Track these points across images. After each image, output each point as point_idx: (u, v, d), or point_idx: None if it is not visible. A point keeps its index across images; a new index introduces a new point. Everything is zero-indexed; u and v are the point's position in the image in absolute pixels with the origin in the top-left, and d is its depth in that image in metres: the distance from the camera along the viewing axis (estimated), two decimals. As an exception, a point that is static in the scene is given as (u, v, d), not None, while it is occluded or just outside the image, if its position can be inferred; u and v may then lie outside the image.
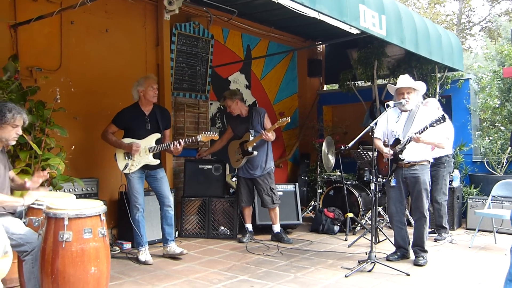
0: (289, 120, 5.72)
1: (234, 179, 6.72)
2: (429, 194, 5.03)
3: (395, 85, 5.14)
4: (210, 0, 6.75)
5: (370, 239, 4.81)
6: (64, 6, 5.01)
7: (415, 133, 4.72)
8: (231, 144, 6.27)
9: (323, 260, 5.18)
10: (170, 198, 5.28)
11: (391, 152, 4.92)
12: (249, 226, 6.25)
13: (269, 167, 6.10)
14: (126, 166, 5.03)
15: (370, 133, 4.84)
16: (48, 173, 3.95)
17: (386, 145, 4.99)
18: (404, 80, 5.05)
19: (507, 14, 28.14)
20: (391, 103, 4.93)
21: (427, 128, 4.66)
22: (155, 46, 6.62)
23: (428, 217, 5.02)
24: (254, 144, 5.95)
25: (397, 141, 4.96)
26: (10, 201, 3.46)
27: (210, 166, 6.53)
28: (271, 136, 5.90)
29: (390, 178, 5.06)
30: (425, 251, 5.04)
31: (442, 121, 4.57)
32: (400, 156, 4.89)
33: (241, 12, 7.38)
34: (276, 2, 4.45)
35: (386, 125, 5.04)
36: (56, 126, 4.55)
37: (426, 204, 4.96)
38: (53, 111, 4.48)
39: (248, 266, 4.92)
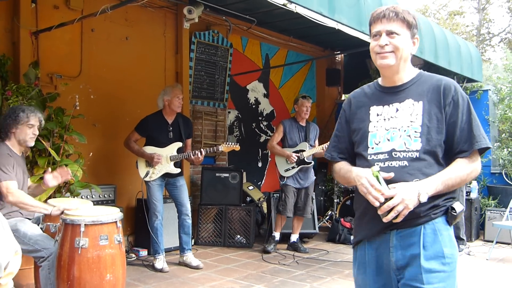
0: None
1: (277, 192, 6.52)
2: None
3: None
4: (229, 9, 6.80)
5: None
6: (85, 14, 5.09)
7: None
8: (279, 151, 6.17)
9: (340, 270, 5.15)
10: (187, 207, 5.30)
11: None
12: (277, 234, 6.14)
13: (314, 178, 6.24)
14: (147, 174, 5.07)
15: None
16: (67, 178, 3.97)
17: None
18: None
19: (527, 24, 27.81)
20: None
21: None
22: (174, 54, 6.68)
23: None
24: (309, 155, 5.98)
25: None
26: (39, 207, 3.47)
27: (227, 174, 6.54)
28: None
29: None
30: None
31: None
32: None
33: (260, 21, 7.41)
34: (295, 12, 4.46)
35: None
36: (74, 132, 4.60)
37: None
38: (72, 117, 4.53)
39: (264, 275, 4.91)
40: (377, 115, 2.03)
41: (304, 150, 5.98)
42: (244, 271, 5.06)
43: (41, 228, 3.56)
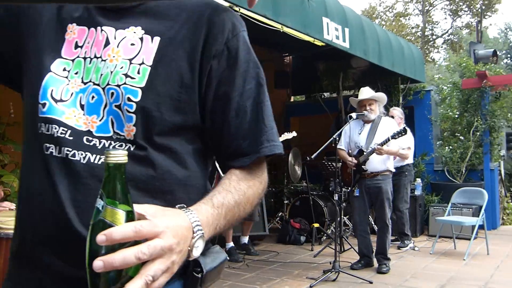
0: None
1: None
2: (391, 203, 5.14)
3: (357, 97, 5.24)
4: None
5: (335, 248, 4.88)
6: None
7: (377, 145, 4.82)
8: None
9: (289, 271, 5.21)
10: None
11: (355, 161, 5.01)
12: (231, 244, 5.92)
13: None
14: None
15: (333, 144, 4.93)
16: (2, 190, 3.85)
17: (350, 156, 5.09)
18: (365, 92, 5.16)
19: (467, 27, 29.07)
20: (353, 114, 5.03)
21: (389, 140, 4.78)
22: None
23: (390, 226, 5.13)
24: None
25: (360, 152, 5.06)
26: None
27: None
28: None
29: (353, 189, 5.15)
30: (388, 259, 5.14)
31: (403, 133, 4.71)
32: (363, 167, 4.99)
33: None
34: (239, 14, 4.49)
35: (349, 136, 5.14)
36: (10, 141, 4.40)
37: (388, 213, 5.07)
38: (7, 125, 4.37)
39: (213, 278, 4.90)
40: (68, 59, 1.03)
41: None
42: (194, 274, 5.02)
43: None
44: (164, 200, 0.96)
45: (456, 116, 8.13)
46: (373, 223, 6.58)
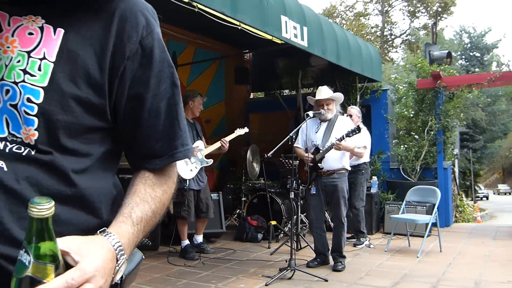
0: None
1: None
2: (346, 201, 5.19)
3: (315, 96, 5.26)
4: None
5: (291, 246, 4.88)
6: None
7: (336, 139, 4.85)
8: None
9: (245, 269, 5.19)
10: None
11: (311, 156, 5.03)
12: (186, 241, 5.84)
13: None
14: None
15: (289, 142, 4.93)
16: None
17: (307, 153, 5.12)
18: (323, 92, 5.19)
19: (425, 28, 29.81)
20: (310, 113, 5.05)
21: (343, 138, 4.82)
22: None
23: (346, 224, 5.18)
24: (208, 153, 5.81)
25: (317, 150, 5.08)
26: None
27: (130, 176, 6.34)
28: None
29: (310, 186, 5.17)
30: (343, 257, 5.19)
31: (357, 131, 4.75)
32: (319, 164, 5.02)
33: (166, 18, 7.26)
34: (196, 10, 4.43)
35: (306, 135, 5.16)
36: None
37: (344, 211, 5.11)
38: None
39: (168, 278, 4.83)
40: None
41: (202, 149, 5.81)
42: (148, 275, 4.94)
43: None
44: (74, 207, 0.91)
45: (412, 115, 8.30)
46: (330, 220, 6.64)
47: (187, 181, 5.56)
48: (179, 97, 1.04)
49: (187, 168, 5.60)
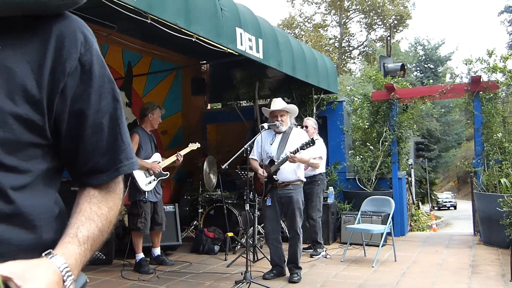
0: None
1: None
2: (302, 213, 5.21)
3: (269, 108, 5.28)
4: (87, 14, 6.48)
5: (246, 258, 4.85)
6: None
7: (290, 153, 4.87)
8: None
9: (201, 282, 5.13)
10: None
11: (265, 174, 5.04)
12: (141, 255, 5.71)
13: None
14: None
15: (244, 154, 4.92)
16: None
17: (262, 167, 5.12)
18: (277, 103, 5.21)
19: (381, 40, 30.53)
20: (265, 125, 5.07)
21: (298, 151, 4.85)
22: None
23: (301, 235, 5.19)
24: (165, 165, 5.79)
25: (272, 161, 5.09)
26: None
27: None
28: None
29: (265, 198, 5.17)
30: (299, 268, 5.20)
31: (311, 144, 4.79)
32: (274, 176, 5.02)
33: (121, 28, 7.17)
34: (149, 22, 4.37)
35: (261, 146, 5.17)
36: None
37: (299, 222, 5.13)
38: None
39: (121, 293, 4.72)
40: None
41: (159, 162, 5.75)
42: (100, 290, 4.82)
43: None
44: (14, 225, 0.89)
45: (367, 126, 8.44)
46: (286, 231, 6.64)
47: (146, 193, 5.54)
48: (121, 111, 1.05)
49: (146, 180, 5.58)
